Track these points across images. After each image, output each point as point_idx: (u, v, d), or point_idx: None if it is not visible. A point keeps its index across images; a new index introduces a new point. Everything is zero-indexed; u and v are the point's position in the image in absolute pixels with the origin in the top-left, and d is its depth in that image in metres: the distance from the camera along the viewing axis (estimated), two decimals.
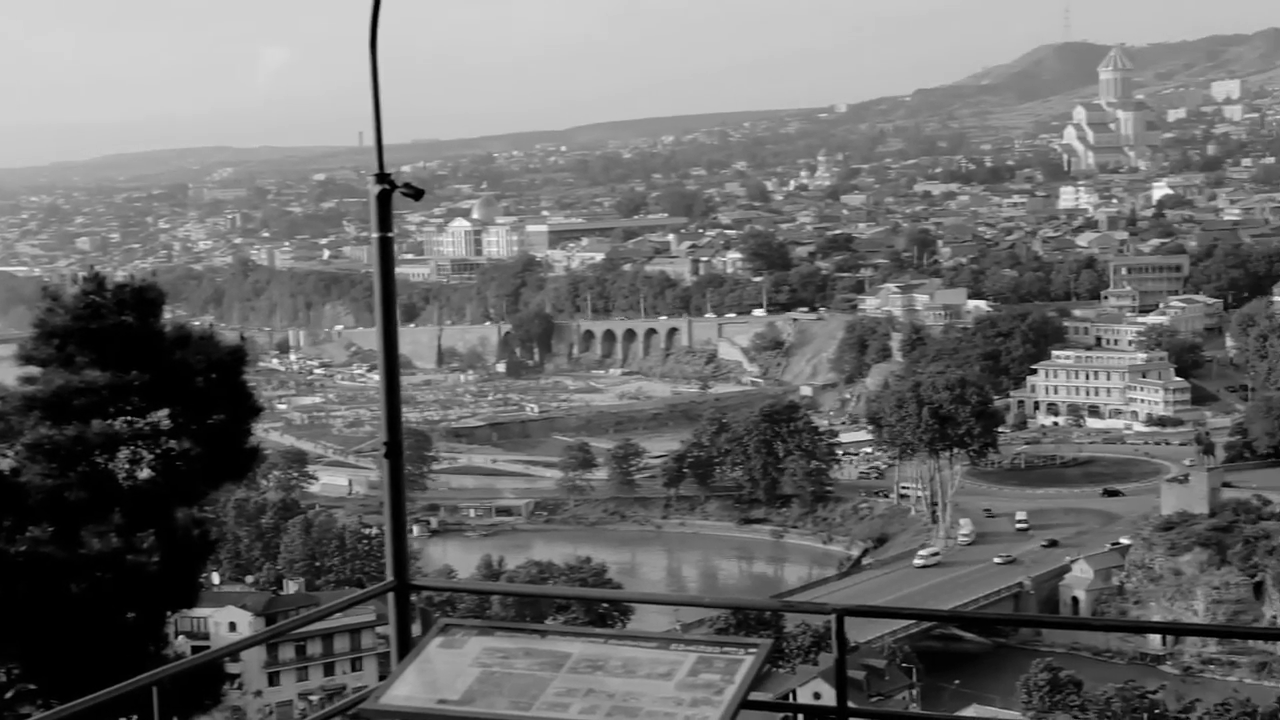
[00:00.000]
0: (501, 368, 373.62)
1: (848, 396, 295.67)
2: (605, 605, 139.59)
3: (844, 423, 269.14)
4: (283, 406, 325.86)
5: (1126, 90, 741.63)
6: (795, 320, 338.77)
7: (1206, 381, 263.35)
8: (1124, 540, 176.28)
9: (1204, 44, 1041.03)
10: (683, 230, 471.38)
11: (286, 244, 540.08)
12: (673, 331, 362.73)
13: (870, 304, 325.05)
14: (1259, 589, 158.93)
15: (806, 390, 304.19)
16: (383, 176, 9.26)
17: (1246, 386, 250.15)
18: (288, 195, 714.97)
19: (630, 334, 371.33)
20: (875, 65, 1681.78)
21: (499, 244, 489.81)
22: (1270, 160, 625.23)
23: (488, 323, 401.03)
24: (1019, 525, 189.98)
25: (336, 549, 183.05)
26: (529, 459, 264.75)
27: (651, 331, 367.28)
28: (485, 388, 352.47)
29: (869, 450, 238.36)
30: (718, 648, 8.12)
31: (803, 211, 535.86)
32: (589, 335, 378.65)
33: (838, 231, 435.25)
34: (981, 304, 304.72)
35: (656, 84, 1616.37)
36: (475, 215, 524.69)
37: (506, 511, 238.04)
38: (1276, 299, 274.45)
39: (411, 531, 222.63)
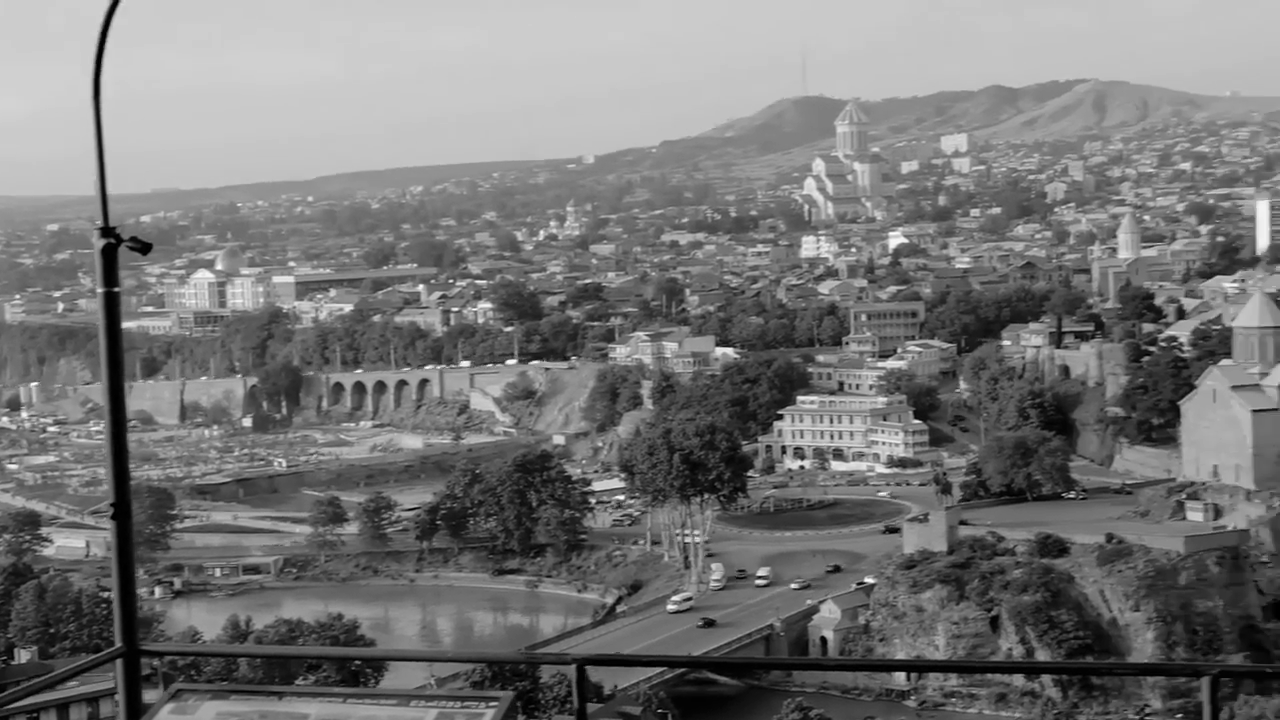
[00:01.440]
0: (248, 422, 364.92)
1: (600, 445, 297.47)
2: (357, 663, 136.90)
3: (597, 471, 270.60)
4: (13, 466, 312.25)
5: (862, 143, 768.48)
6: (547, 369, 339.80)
7: (943, 423, 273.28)
8: (869, 579, 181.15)
9: (933, 99, 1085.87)
10: (433, 280, 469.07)
11: (17, 296, 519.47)
12: (424, 383, 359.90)
13: (621, 352, 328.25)
14: (995, 623, 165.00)
15: (559, 439, 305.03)
16: (108, 230, 8.95)
17: (959, 422, 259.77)
18: (18, 246, 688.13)
19: (381, 386, 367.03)
20: (621, 117, 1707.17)
21: (244, 295, 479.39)
22: (997, 210, 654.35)
23: (233, 376, 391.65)
24: (759, 581, 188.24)
25: (72, 614, 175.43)
26: (277, 515, 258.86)
27: (402, 383, 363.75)
28: (231, 443, 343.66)
29: (622, 498, 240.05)
30: (459, 703, 8.05)
31: (553, 261, 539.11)
32: (339, 387, 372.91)
33: (588, 281, 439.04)
34: (729, 351, 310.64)
35: (404, 133, 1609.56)
36: (219, 266, 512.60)
37: (254, 569, 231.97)
38: (1006, 343, 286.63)
39: (153, 593, 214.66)
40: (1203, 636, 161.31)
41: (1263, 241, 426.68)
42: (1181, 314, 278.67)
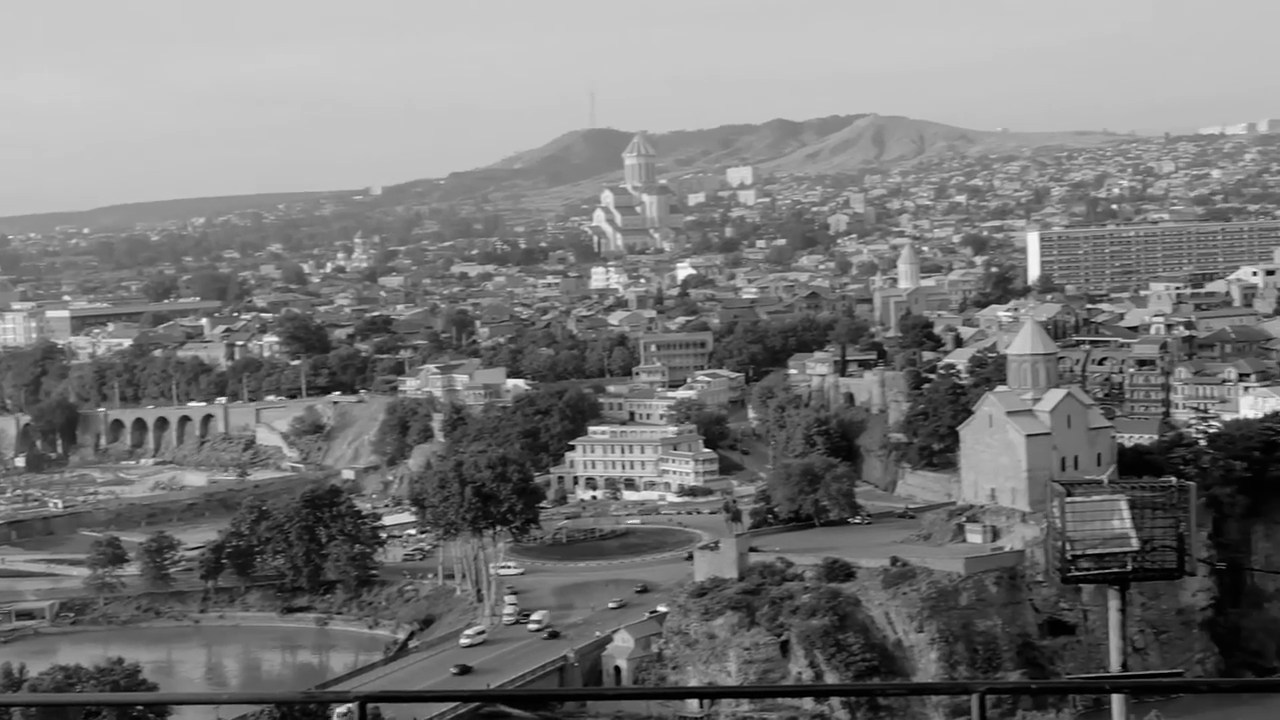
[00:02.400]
0: (21, 462, 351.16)
1: (390, 478, 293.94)
2: (139, 708, 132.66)
3: (387, 505, 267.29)
4: None
5: (650, 175, 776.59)
6: (336, 403, 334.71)
7: (732, 452, 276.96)
8: (661, 608, 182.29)
9: (719, 132, 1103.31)
10: (216, 314, 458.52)
11: None
12: (208, 418, 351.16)
13: (411, 385, 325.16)
14: (785, 647, 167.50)
15: (349, 474, 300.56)
16: None
17: (745, 453, 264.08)
18: None
19: (162, 422, 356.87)
20: (410, 148, 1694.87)
21: (16, 330, 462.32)
22: (782, 242, 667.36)
23: (4, 414, 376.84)
24: (533, 627, 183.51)
25: None
26: (53, 557, 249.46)
27: (185, 419, 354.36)
28: (3, 484, 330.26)
29: (413, 532, 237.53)
30: None
31: (340, 294, 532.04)
32: (118, 425, 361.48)
33: (376, 313, 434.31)
34: (520, 382, 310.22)
35: (184, 165, 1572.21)
36: None
37: (28, 615, 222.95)
38: (792, 371, 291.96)
39: None
40: (983, 655, 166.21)
41: (1033, 271, 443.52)
42: (959, 342, 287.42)
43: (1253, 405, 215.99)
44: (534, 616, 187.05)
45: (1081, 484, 19.85)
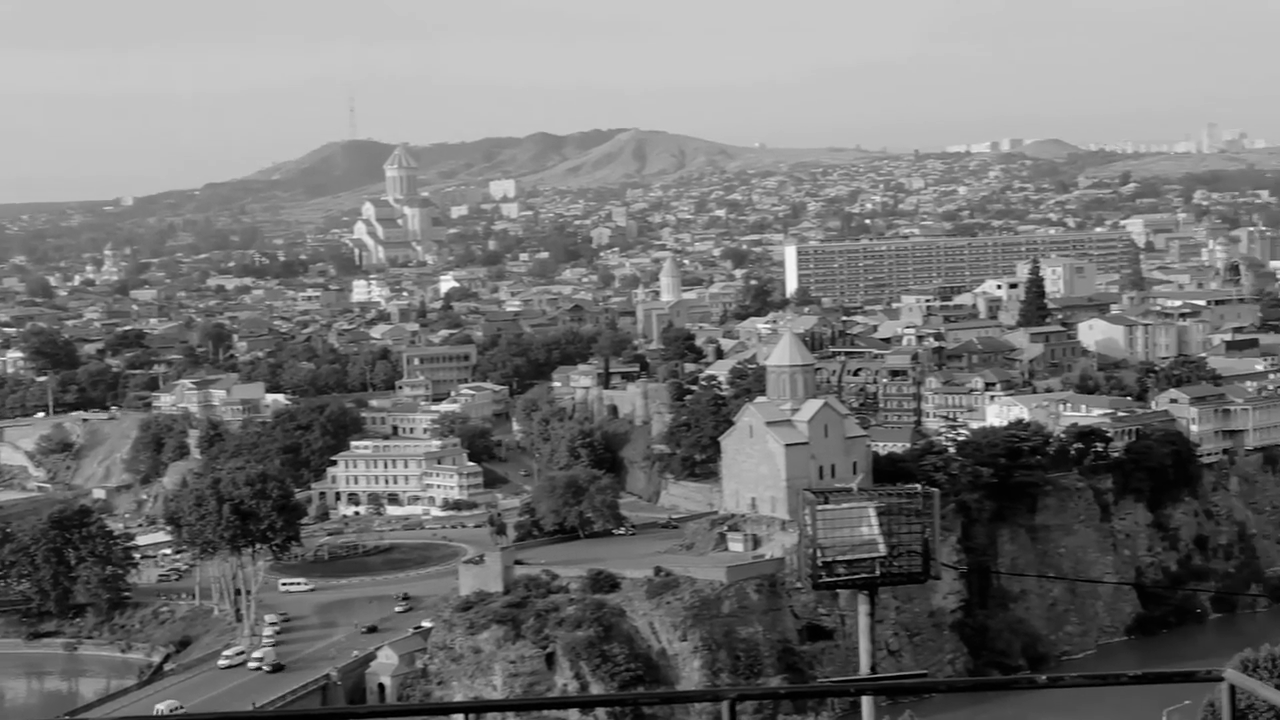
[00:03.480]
0: None
1: (144, 497, 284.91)
2: None
3: (141, 525, 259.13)
4: None
5: (412, 188, 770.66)
6: (85, 420, 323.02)
7: (497, 465, 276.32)
8: (426, 623, 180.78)
9: (482, 145, 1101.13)
10: None
11: None
12: None
13: (165, 401, 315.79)
14: (551, 659, 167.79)
15: (99, 493, 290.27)
16: None
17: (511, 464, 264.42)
18: None
19: None
20: (163, 159, 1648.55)
21: None
22: (545, 255, 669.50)
23: None
24: (252, 664, 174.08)
25: None
26: None
27: None
28: None
29: (168, 551, 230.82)
30: None
31: (90, 307, 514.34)
32: None
33: (128, 327, 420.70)
34: (280, 397, 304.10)
35: None
36: None
37: None
38: (556, 384, 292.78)
39: None
40: (744, 661, 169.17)
41: (791, 284, 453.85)
42: (720, 354, 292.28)
43: (998, 414, 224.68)
44: (255, 654, 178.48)
45: (832, 492, 20.48)
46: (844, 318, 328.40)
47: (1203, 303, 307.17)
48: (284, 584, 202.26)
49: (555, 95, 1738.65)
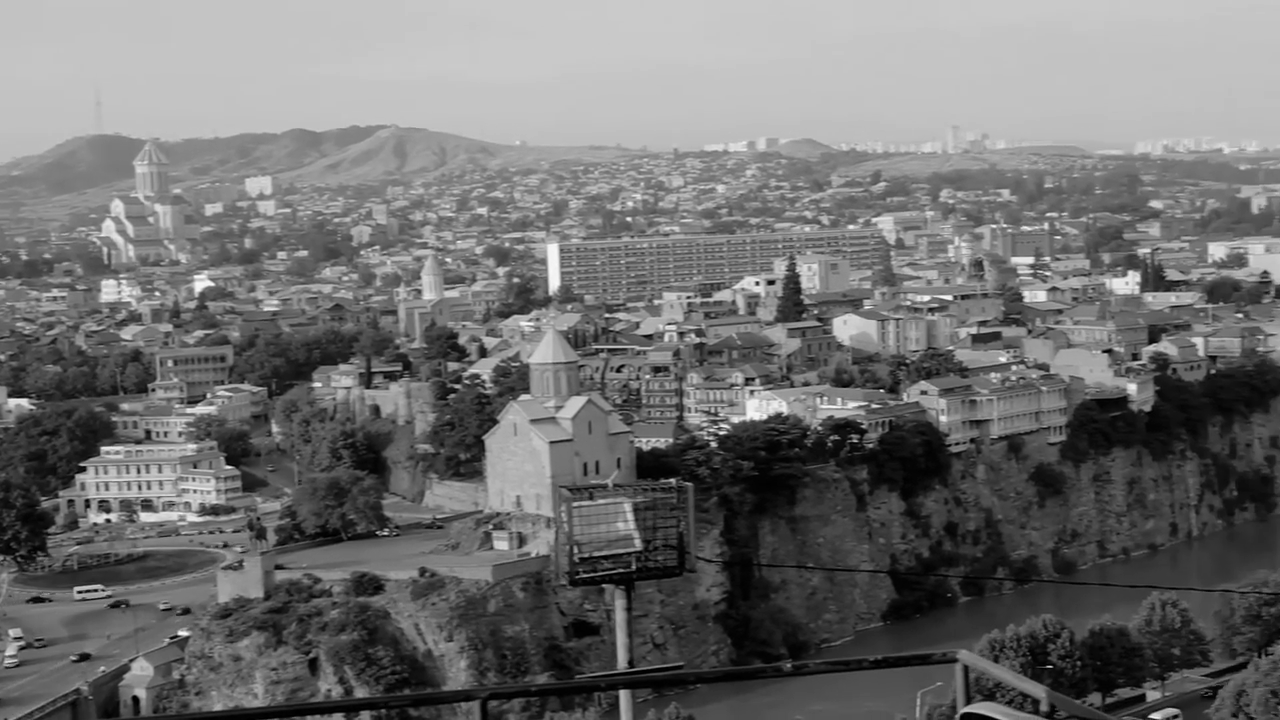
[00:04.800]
0: None
1: None
2: None
3: None
4: None
5: (163, 184, 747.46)
6: None
7: (256, 468, 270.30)
8: (183, 633, 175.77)
9: (236, 141, 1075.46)
10: None
11: None
12: None
13: None
14: (314, 665, 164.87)
15: None
16: None
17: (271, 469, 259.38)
18: None
19: None
20: None
21: None
22: (304, 253, 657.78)
23: None
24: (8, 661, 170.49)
25: None
26: None
27: None
28: None
29: None
30: None
31: None
32: None
33: None
34: (24, 402, 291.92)
35: None
36: None
37: None
38: (317, 385, 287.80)
39: None
40: (511, 660, 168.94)
41: (554, 282, 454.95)
42: (483, 352, 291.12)
43: (758, 408, 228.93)
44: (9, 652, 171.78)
45: (588, 488, 20.44)
46: (606, 315, 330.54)
47: (950, 298, 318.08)
48: (79, 591, 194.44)
49: (312, 91, 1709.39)
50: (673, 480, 21.01)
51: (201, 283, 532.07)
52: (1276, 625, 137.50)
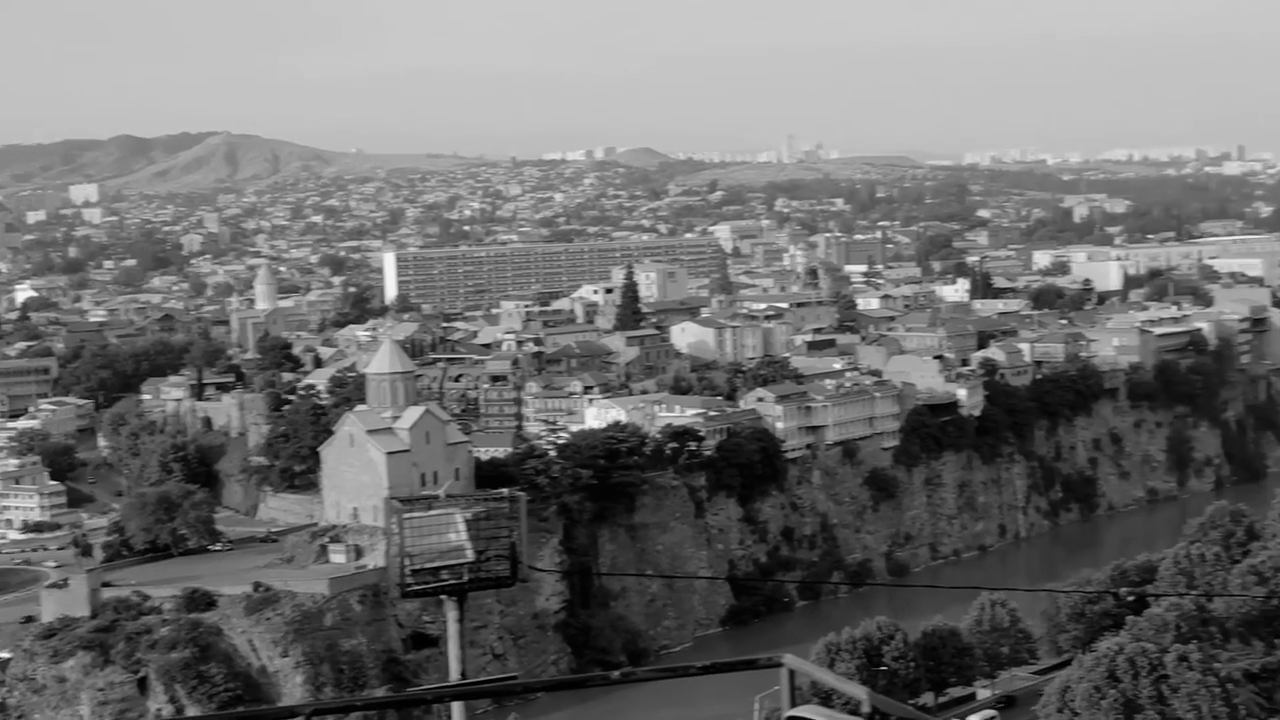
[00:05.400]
0: None
1: None
2: None
3: None
4: None
5: None
6: None
7: (82, 483, 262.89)
8: (3, 654, 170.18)
9: (60, 147, 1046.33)
10: None
11: None
12: None
13: None
14: (143, 684, 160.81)
15: None
16: None
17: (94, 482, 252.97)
18: None
19: None
20: None
21: None
22: (132, 262, 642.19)
23: None
24: None
25: None
26: None
27: None
28: None
29: None
30: None
31: None
32: None
33: None
34: None
35: None
36: None
37: None
38: (146, 397, 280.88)
39: None
40: (348, 674, 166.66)
41: (391, 291, 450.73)
42: (319, 362, 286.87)
43: (597, 416, 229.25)
44: None
45: (419, 500, 20.18)
46: (444, 324, 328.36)
47: (785, 305, 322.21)
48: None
49: (140, 95, 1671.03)
50: (505, 491, 20.84)
51: (24, 293, 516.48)
52: (1100, 622, 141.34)
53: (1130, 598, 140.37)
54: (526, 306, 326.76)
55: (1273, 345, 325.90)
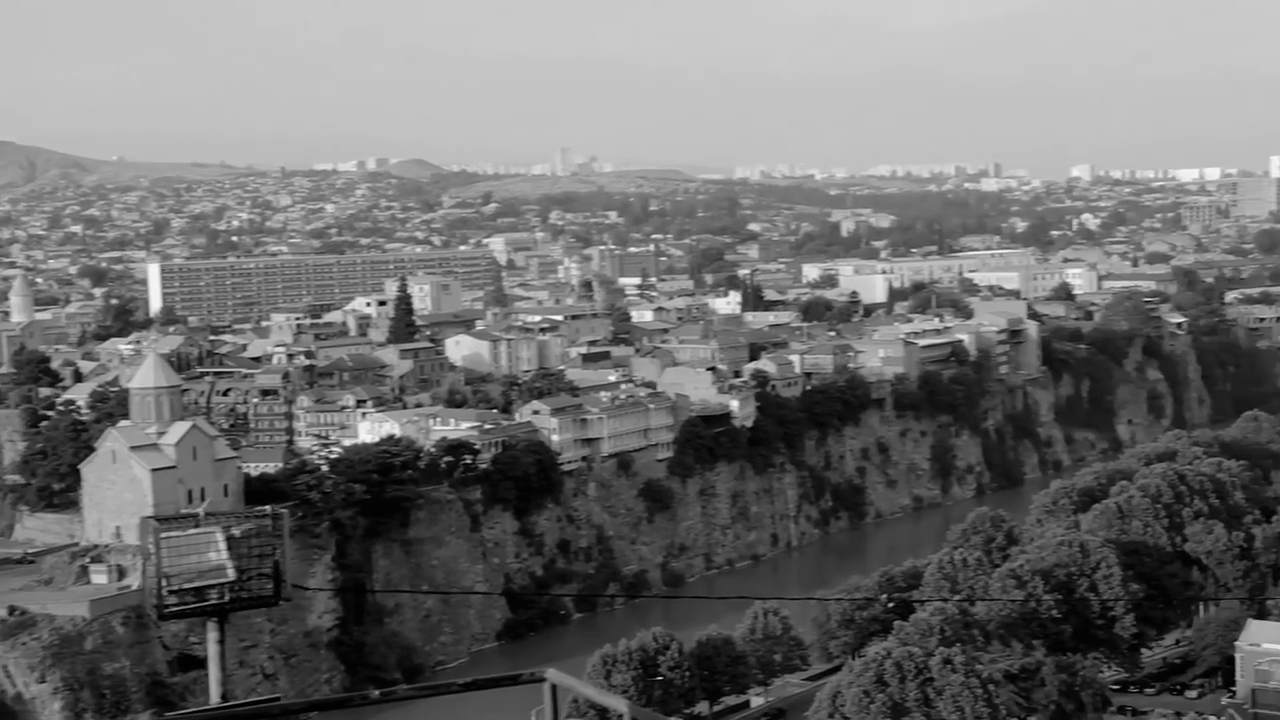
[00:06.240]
0: None
1: None
2: None
3: None
4: None
5: None
6: None
7: None
8: None
9: None
10: None
11: None
12: None
13: None
14: None
15: None
16: None
17: None
18: None
19: None
20: None
21: None
22: None
23: None
24: None
25: None
26: None
27: None
28: None
29: None
30: None
31: None
32: None
33: None
34: None
35: None
36: None
37: None
38: None
39: None
40: (110, 699, 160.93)
41: (155, 303, 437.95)
42: (79, 377, 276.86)
43: (370, 430, 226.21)
44: None
45: (178, 518, 19.38)
46: (212, 337, 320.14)
47: (560, 318, 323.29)
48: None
49: None
50: (268, 508, 20.19)
51: None
52: (868, 628, 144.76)
53: (891, 603, 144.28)
54: (297, 319, 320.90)
55: (1028, 356, 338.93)
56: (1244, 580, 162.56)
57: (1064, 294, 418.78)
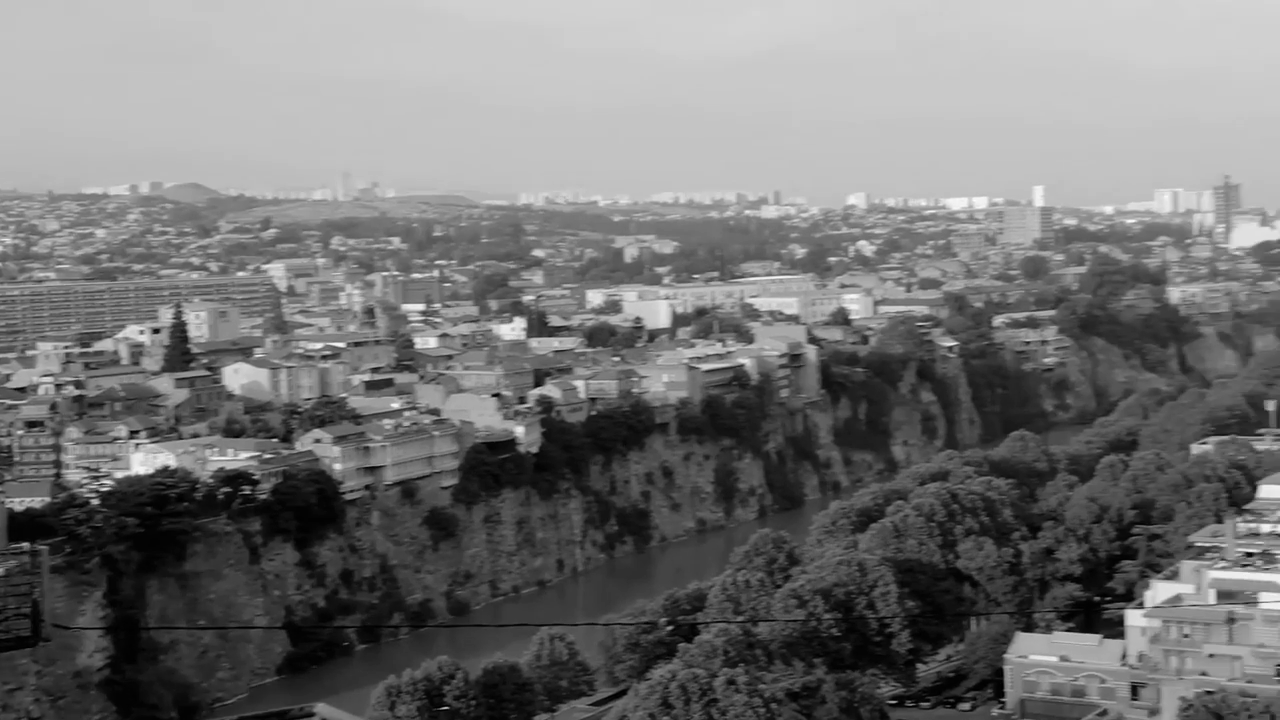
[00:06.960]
0: None
1: None
2: None
3: None
4: None
5: None
6: None
7: None
8: None
9: None
10: None
11: None
12: None
13: None
14: None
15: None
16: None
17: None
18: None
19: None
20: None
21: None
22: None
23: None
24: None
25: None
26: None
27: None
28: None
29: None
30: None
31: None
32: None
33: None
34: None
35: None
36: None
37: None
38: None
39: None
40: None
41: None
42: None
43: (144, 461, 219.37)
44: None
45: None
46: None
47: (342, 344, 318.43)
48: None
49: None
50: (26, 545, 19.24)
51: None
52: (654, 651, 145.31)
53: (670, 627, 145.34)
54: (66, 348, 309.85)
55: (808, 379, 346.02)
56: (1013, 595, 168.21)
57: (841, 319, 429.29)
